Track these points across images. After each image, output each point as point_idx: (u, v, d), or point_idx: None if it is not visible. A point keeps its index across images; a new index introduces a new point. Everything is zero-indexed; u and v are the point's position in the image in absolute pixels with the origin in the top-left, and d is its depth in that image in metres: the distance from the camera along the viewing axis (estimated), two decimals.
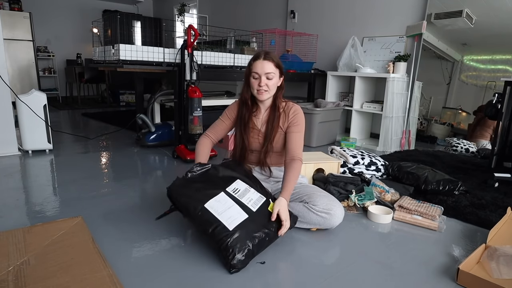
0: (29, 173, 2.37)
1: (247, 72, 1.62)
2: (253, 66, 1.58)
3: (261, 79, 1.56)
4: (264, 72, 1.56)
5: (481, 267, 1.31)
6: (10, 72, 5.36)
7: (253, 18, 5.40)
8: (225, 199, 1.40)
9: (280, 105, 1.68)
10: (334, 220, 1.55)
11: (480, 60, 3.30)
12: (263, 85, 1.57)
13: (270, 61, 1.57)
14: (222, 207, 1.36)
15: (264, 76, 1.56)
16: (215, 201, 1.38)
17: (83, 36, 6.97)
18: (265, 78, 1.57)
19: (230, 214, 1.34)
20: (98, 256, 1.27)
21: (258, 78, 1.57)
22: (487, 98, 3.18)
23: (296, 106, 1.70)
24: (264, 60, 1.56)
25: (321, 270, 1.32)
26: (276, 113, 1.66)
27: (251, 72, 1.59)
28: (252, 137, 1.69)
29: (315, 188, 1.72)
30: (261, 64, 1.56)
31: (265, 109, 1.70)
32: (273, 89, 1.62)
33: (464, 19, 3.24)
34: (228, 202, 1.39)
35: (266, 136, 1.67)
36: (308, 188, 1.70)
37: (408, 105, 3.45)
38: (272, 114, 1.66)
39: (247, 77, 1.62)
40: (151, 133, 3.11)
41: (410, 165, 2.35)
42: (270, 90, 1.60)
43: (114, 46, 2.76)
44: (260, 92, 1.59)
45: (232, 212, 1.35)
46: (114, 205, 1.85)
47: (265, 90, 1.58)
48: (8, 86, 2.63)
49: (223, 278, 1.24)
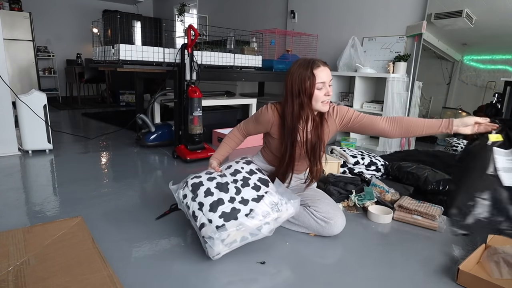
0: (29, 173, 2.37)
1: (306, 85, 1.41)
2: (317, 76, 1.41)
3: (327, 88, 1.44)
4: (329, 79, 1.44)
5: (481, 267, 1.31)
6: (10, 72, 5.36)
7: (253, 18, 5.40)
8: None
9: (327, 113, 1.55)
10: (332, 230, 1.52)
11: (480, 60, 3.30)
12: (330, 94, 1.45)
13: (328, 66, 1.46)
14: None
15: (327, 84, 1.45)
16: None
17: (83, 36, 6.97)
18: (328, 86, 1.45)
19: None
20: (98, 256, 1.27)
21: (323, 87, 1.44)
22: (487, 98, 3.18)
23: (334, 105, 1.60)
24: (324, 66, 1.44)
25: (321, 270, 1.32)
26: (324, 121, 1.53)
27: (315, 83, 1.41)
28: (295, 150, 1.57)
29: (321, 193, 1.70)
30: (326, 72, 1.43)
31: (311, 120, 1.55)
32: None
33: (464, 19, 3.24)
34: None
35: (312, 148, 1.54)
36: (314, 192, 1.69)
37: (408, 105, 3.44)
38: (320, 124, 1.53)
39: (307, 89, 1.42)
40: (151, 133, 3.11)
41: (410, 165, 2.35)
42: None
43: (114, 46, 2.76)
44: (327, 103, 1.46)
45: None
46: (114, 205, 1.85)
47: (330, 100, 1.47)
48: (8, 86, 2.63)
49: (223, 278, 1.24)
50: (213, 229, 1.28)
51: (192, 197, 1.43)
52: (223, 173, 1.54)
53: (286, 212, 1.41)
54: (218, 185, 1.45)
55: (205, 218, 1.33)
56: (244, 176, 1.50)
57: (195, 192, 1.43)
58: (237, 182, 1.47)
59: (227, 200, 1.38)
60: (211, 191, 1.41)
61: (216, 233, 1.26)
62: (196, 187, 1.45)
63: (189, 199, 1.43)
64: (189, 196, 1.44)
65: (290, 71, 1.47)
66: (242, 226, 1.29)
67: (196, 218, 1.35)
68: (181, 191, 1.48)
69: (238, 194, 1.41)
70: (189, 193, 1.45)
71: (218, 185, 1.44)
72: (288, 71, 1.48)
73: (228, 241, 1.29)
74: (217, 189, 1.43)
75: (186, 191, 1.47)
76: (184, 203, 1.45)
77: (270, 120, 1.56)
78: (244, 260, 1.35)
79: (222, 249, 1.29)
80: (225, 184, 1.45)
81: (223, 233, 1.27)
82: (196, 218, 1.36)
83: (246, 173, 1.52)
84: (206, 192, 1.41)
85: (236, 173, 1.52)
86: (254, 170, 1.54)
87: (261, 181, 1.48)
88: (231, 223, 1.29)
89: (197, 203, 1.39)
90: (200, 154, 2.72)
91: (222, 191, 1.41)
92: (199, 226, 1.33)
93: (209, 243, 1.27)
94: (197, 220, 1.35)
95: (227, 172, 1.54)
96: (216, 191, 1.41)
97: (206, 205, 1.36)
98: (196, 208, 1.38)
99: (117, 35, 2.94)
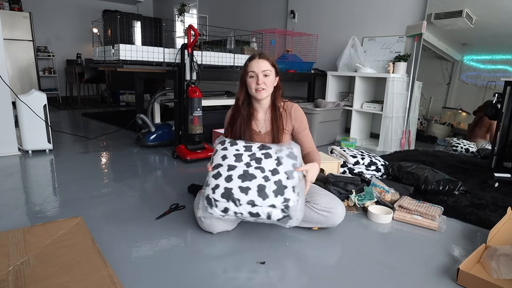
0: (29, 173, 2.37)
1: (243, 73, 1.63)
2: (249, 66, 1.60)
3: (259, 77, 1.57)
4: (261, 70, 1.57)
5: (481, 267, 1.31)
6: (10, 72, 5.36)
7: (253, 18, 5.40)
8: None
9: (280, 105, 1.68)
10: (335, 219, 1.57)
11: (480, 60, 3.30)
12: (261, 83, 1.57)
13: (265, 59, 1.59)
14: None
15: (261, 74, 1.57)
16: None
17: (83, 36, 6.97)
18: (262, 76, 1.58)
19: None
20: (98, 256, 1.27)
21: (255, 76, 1.58)
22: (487, 98, 3.18)
23: (294, 104, 1.72)
24: (260, 59, 1.59)
25: (321, 270, 1.32)
26: (277, 112, 1.67)
27: (248, 72, 1.60)
28: (255, 140, 1.67)
29: (316, 187, 1.73)
30: (257, 63, 1.58)
31: (264, 110, 1.70)
32: (271, 88, 1.63)
33: (464, 19, 3.24)
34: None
35: (273, 137, 1.67)
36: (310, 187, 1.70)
37: (408, 105, 3.45)
38: (274, 114, 1.67)
39: (243, 78, 1.63)
40: (151, 133, 3.11)
41: (410, 165, 2.35)
42: (268, 88, 1.61)
43: (114, 46, 2.76)
44: (259, 90, 1.59)
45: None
46: (114, 205, 1.85)
47: (263, 88, 1.59)
48: (8, 86, 2.63)
49: (223, 278, 1.24)
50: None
51: (236, 203, 1.38)
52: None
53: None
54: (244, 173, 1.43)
55: (267, 204, 1.36)
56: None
57: (231, 197, 1.38)
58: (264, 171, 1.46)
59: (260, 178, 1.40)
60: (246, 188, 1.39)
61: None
62: (228, 193, 1.39)
63: (233, 208, 1.39)
64: (230, 205, 1.39)
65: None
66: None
67: (259, 211, 1.37)
68: (215, 209, 1.41)
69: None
70: (227, 203, 1.39)
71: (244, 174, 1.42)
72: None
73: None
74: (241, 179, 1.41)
75: (220, 205, 1.39)
76: (231, 214, 1.41)
77: (231, 115, 1.72)
78: (244, 260, 1.36)
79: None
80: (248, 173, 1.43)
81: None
82: (258, 212, 1.37)
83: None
84: (242, 190, 1.39)
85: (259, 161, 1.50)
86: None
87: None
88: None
89: (246, 203, 1.37)
90: (200, 154, 2.72)
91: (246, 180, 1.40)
92: (267, 213, 1.36)
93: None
94: (262, 213, 1.37)
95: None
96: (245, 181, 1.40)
97: (251, 195, 1.37)
98: (249, 207, 1.38)
99: (117, 35, 2.94)
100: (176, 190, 2.10)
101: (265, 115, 1.70)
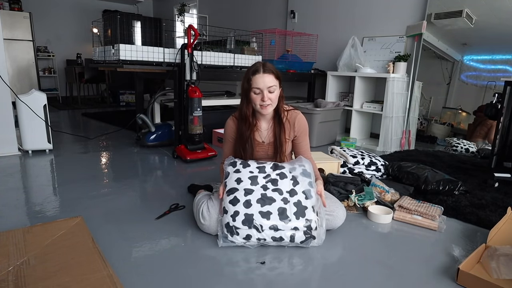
0: (29, 173, 2.37)
1: (246, 87, 1.53)
2: (253, 81, 1.50)
3: (264, 94, 1.49)
4: (266, 86, 1.49)
5: (481, 267, 1.31)
6: (10, 72, 5.36)
7: (253, 18, 5.40)
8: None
9: (283, 114, 1.62)
10: (336, 222, 1.58)
11: (480, 60, 3.30)
12: (266, 99, 1.50)
13: (270, 73, 1.50)
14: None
15: (266, 90, 1.49)
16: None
17: (83, 36, 6.97)
18: (268, 92, 1.50)
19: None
20: (98, 256, 1.27)
21: (260, 93, 1.50)
22: (487, 98, 3.18)
23: (299, 114, 1.67)
24: (264, 73, 1.49)
25: (321, 270, 1.32)
26: (281, 125, 1.61)
27: (252, 88, 1.51)
28: (257, 151, 1.65)
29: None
30: (262, 79, 1.49)
31: (267, 121, 1.65)
32: (276, 102, 1.57)
33: (464, 19, 3.24)
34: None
35: (275, 149, 1.63)
36: None
37: (408, 105, 3.45)
38: (277, 126, 1.62)
39: (247, 92, 1.54)
40: (151, 133, 3.11)
41: (410, 165, 2.35)
42: (273, 103, 1.55)
43: (114, 46, 2.76)
44: (264, 107, 1.52)
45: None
46: (114, 205, 1.85)
47: (268, 104, 1.52)
48: (8, 86, 2.63)
49: (223, 278, 1.24)
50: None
51: (258, 229, 1.39)
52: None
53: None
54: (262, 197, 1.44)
55: (290, 227, 1.39)
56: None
57: (252, 223, 1.38)
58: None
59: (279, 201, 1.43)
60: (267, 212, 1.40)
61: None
62: (249, 219, 1.39)
63: (255, 234, 1.39)
64: (253, 232, 1.39)
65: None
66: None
67: (281, 234, 1.40)
68: (237, 237, 1.40)
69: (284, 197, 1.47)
70: (249, 230, 1.39)
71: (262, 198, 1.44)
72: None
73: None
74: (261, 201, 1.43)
75: (242, 232, 1.39)
76: (253, 241, 1.41)
77: (233, 127, 1.65)
78: (244, 260, 1.36)
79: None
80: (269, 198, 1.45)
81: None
82: (282, 236, 1.40)
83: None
84: (263, 215, 1.39)
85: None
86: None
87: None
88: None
89: (269, 228, 1.38)
90: (200, 154, 2.72)
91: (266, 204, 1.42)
92: (290, 236, 1.39)
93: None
94: (285, 237, 1.40)
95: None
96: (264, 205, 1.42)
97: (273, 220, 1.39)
98: (271, 232, 1.39)
99: (117, 35, 2.94)
100: (176, 190, 2.10)
101: (268, 125, 1.66)
